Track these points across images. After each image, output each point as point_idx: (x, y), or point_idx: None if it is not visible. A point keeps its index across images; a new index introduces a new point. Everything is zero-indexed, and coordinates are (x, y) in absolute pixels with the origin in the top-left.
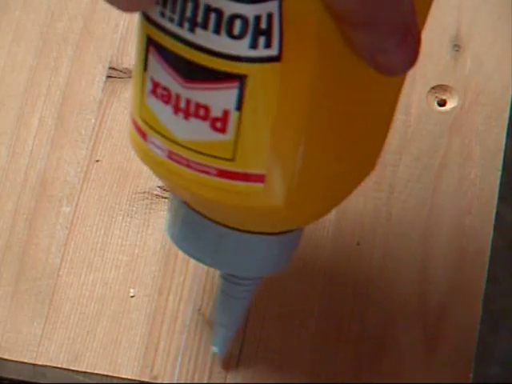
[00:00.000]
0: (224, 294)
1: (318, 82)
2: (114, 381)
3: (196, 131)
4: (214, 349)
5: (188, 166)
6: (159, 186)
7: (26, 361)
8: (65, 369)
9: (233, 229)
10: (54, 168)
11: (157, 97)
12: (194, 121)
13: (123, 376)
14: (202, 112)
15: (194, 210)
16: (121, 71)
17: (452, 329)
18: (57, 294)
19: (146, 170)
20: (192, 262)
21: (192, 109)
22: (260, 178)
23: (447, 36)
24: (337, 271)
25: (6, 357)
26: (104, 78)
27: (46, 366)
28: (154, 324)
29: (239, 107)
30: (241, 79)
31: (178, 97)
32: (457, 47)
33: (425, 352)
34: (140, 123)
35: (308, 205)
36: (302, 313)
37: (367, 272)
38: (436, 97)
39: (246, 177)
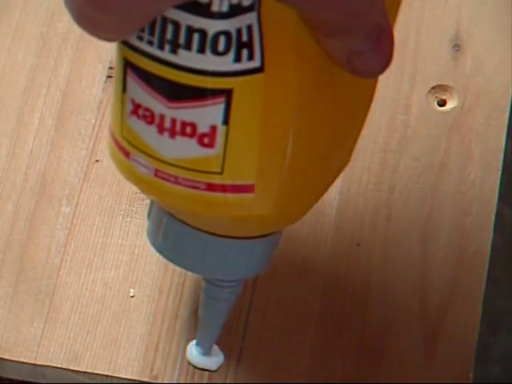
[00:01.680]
0: (208, 296)
1: (301, 89)
2: (114, 381)
3: (183, 148)
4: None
5: (176, 182)
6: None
7: (26, 361)
8: (65, 369)
9: (218, 236)
10: (54, 168)
11: (139, 117)
12: (180, 139)
13: (123, 376)
14: (188, 130)
15: (177, 218)
16: None
17: (452, 329)
18: (57, 294)
19: None
20: None
21: (178, 127)
22: (249, 188)
23: (447, 36)
24: (337, 271)
25: (6, 357)
26: (104, 78)
27: (45, 366)
28: (154, 324)
29: (226, 121)
30: (227, 94)
31: (162, 117)
32: (457, 47)
33: (425, 352)
34: (122, 142)
35: (294, 207)
36: (301, 313)
37: (367, 272)
38: (436, 97)
39: (235, 188)
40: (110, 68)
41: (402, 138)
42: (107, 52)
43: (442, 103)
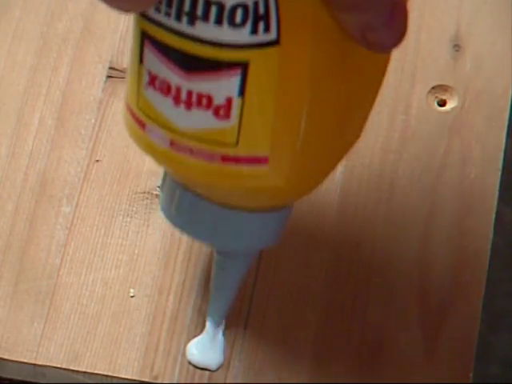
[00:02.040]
0: (219, 269)
1: (316, 62)
2: (114, 381)
3: (198, 120)
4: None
5: (191, 153)
6: (159, 186)
7: (26, 361)
8: (65, 369)
9: (231, 208)
10: (54, 168)
11: (155, 89)
12: (196, 110)
13: (123, 376)
14: (204, 101)
15: (190, 190)
16: (121, 71)
17: (452, 329)
18: (57, 293)
19: (145, 170)
20: (192, 261)
21: (194, 99)
22: (263, 160)
23: (447, 36)
24: (337, 271)
25: (6, 357)
26: (104, 78)
27: (46, 365)
28: (154, 324)
29: (242, 93)
30: (243, 66)
31: (178, 89)
32: (457, 47)
33: (425, 352)
34: (138, 114)
35: (307, 180)
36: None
37: (367, 272)
38: (436, 97)
39: (249, 160)
40: (110, 68)
41: (402, 138)
42: (107, 52)
43: (442, 103)
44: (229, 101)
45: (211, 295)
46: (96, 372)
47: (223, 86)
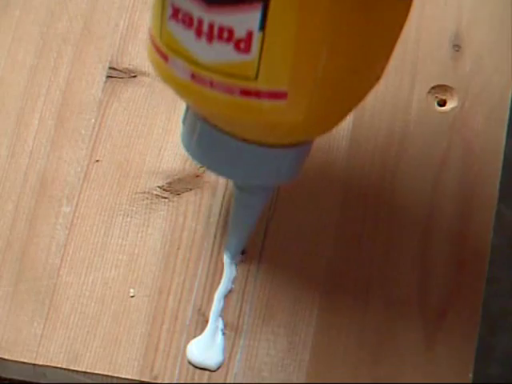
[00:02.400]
0: (238, 204)
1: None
2: (114, 381)
3: (219, 53)
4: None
5: (212, 86)
6: (159, 186)
7: (26, 361)
8: (65, 369)
9: (250, 142)
10: (54, 168)
11: (177, 21)
12: (217, 43)
13: (123, 376)
14: (225, 34)
15: (211, 124)
16: (121, 71)
17: (452, 329)
18: (57, 293)
19: (145, 170)
20: (192, 261)
21: (215, 32)
22: (283, 95)
23: (447, 36)
24: (336, 270)
25: (6, 357)
26: (104, 78)
27: (46, 365)
28: (154, 324)
29: (263, 27)
30: (264, 0)
31: (200, 21)
32: (457, 47)
33: (425, 352)
34: (161, 46)
35: (326, 116)
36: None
37: (368, 272)
38: (436, 97)
39: (268, 95)
40: (110, 68)
41: (402, 138)
42: (107, 52)
43: (442, 103)
44: (249, 34)
45: (229, 230)
46: (96, 372)
47: (244, 20)
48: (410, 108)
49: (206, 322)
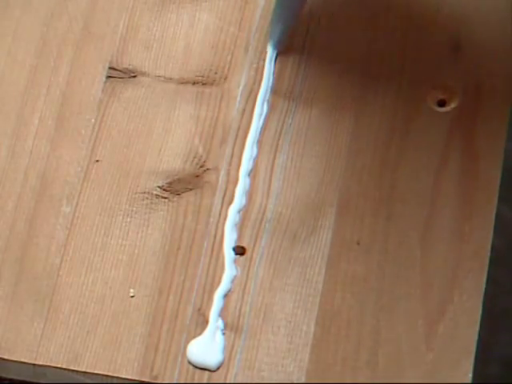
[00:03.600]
0: None
1: None
2: (114, 381)
3: None
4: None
5: None
6: (159, 186)
7: (26, 361)
8: (65, 369)
9: None
10: (54, 168)
11: None
12: None
13: (123, 376)
14: None
15: None
16: (121, 71)
17: (452, 329)
18: (57, 293)
19: (145, 170)
20: (192, 261)
21: None
22: None
23: (447, 36)
24: (336, 267)
25: (6, 357)
26: (104, 78)
27: (46, 365)
28: (154, 324)
29: None
30: None
31: None
32: (457, 47)
33: (424, 351)
34: None
35: None
36: None
37: (367, 272)
38: (436, 97)
39: None
40: (110, 68)
41: (402, 138)
42: (107, 52)
43: (442, 103)
44: None
45: (272, 16)
46: (96, 372)
47: None
48: (410, 108)
49: (206, 322)
